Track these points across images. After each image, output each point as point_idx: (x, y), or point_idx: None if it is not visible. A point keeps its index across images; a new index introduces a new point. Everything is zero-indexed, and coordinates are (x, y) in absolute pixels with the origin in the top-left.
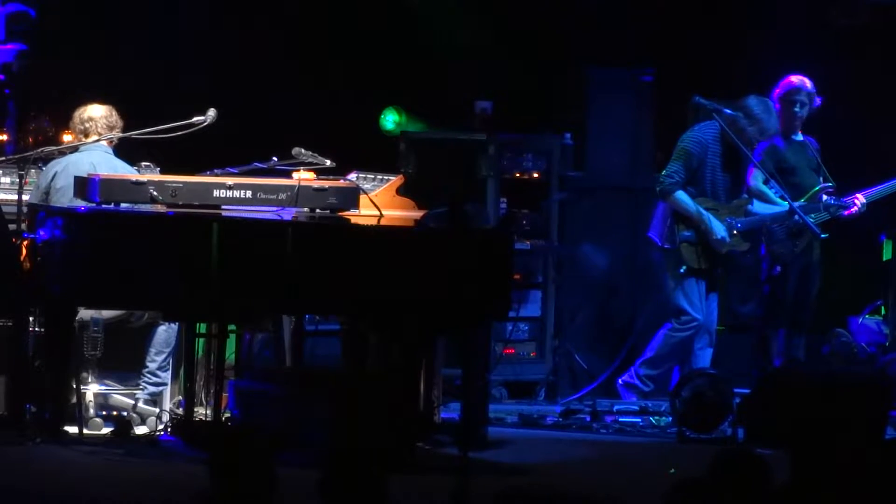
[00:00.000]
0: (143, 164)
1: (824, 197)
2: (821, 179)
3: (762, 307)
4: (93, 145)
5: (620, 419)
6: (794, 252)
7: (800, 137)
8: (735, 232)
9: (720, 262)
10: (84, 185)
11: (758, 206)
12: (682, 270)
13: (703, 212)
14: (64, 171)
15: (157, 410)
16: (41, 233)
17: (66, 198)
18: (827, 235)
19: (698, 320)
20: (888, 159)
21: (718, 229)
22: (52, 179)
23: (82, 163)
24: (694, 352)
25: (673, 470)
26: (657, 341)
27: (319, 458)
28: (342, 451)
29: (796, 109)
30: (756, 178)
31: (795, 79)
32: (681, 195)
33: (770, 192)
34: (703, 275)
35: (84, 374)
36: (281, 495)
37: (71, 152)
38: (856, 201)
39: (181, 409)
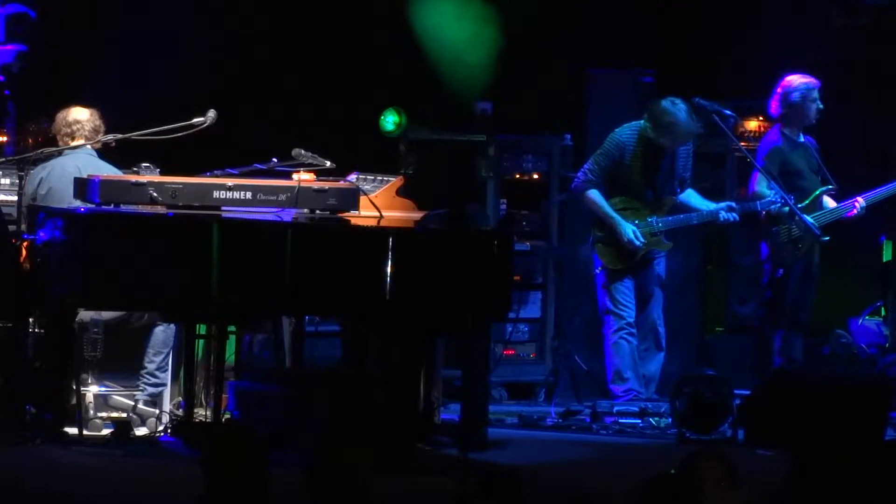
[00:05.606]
0: (143, 164)
1: (826, 200)
2: (820, 181)
3: (763, 309)
4: (77, 149)
5: (620, 420)
6: (797, 256)
7: (801, 139)
8: (657, 231)
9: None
10: (84, 187)
11: (698, 204)
12: (598, 268)
13: (612, 214)
14: (49, 176)
15: (157, 411)
16: (41, 234)
17: (53, 202)
18: (828, 238)
19: (626, 319)
20: (887, 160)
21: (626, 231)
22: (37, 185)
23: (67, 167)
24: (639, 353)
25: (672, 471)
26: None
27: (307, 456)
28: (328, 449)
29: (819, 106)
30: (760, 183)
31: (808, 77)
32: (593, 194)
33: (773, 195)
34: (622, 274)
35: (84, 376)
36: (274, 495)
37: (58, 156)
38: (855, 204)
39: (181, 411)
